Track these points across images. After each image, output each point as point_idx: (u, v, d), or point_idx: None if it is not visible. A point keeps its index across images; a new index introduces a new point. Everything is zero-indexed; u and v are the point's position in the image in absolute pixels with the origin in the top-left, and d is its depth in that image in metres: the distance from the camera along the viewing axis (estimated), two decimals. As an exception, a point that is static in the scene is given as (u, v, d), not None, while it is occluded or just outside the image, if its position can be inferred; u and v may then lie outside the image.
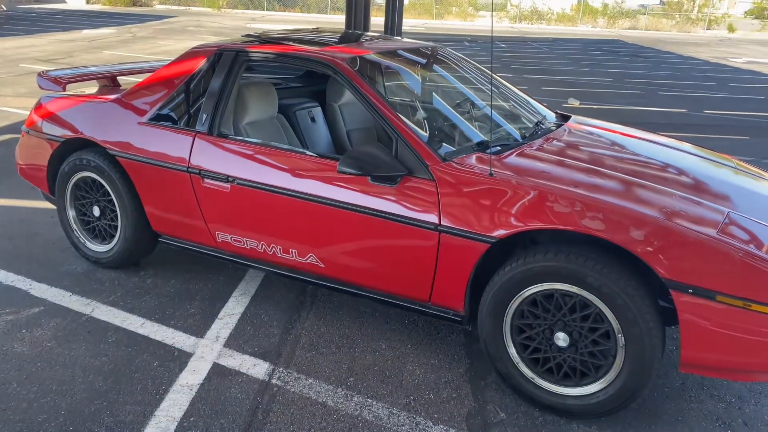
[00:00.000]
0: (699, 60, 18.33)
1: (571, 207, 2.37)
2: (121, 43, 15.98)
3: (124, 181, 3.39)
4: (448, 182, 2.57)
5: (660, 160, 3.04)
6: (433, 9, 32.70)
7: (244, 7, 31.67)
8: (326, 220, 2.83)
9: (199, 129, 3.16)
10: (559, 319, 2.44)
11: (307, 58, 3.07)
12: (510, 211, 2.44)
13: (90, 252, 3.68)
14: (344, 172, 2.63)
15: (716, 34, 30.95)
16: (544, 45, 21.82)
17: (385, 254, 2.74)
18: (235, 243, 3.17)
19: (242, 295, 3.43)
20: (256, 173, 2.96)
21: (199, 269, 3.71)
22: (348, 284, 2.95)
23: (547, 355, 2.51)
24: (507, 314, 2.53)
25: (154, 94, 3.34)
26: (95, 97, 3.61)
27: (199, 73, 3.28)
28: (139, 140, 3.30)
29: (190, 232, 3.32)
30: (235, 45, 3.25)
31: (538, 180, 2.51)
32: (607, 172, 2.68)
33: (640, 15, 33.32)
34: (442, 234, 2.56)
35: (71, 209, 3.71)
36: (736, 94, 11.75)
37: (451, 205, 2.54)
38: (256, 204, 2.99)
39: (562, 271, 2.36)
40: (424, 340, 3.06)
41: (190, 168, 3.13)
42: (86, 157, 3.48)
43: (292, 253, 3.00)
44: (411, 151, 2.66)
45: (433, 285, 2.68)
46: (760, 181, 3.05)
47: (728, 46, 24.28)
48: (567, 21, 32.79)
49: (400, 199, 2.64)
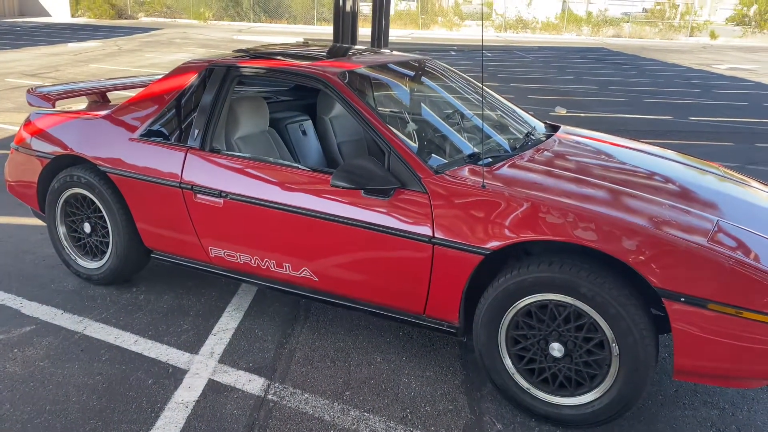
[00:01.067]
0: (682, 67, 18.57)
1: (564, 218, 2.39)
2: (107, 57, 15.94)
3: (115, 197, 3.38)
4: (440, 194, 2.59)
5: (648, 169, 3.08)
6: (419, 19, 32.91)
7: (230, 19, 31.70)
8: (319, 233, 2.83)
9: (191, 144, 3.16)
10: (553, 329, 2.46)
11: (297, 73, 3.08)
12: (503, 222, 2.46)
13: (81, 269, 3.66)
14: (337, 186, 2.64)
15: (699, 41, 31.36)
16: (529, 53, 22.01)
17: (379, 267, 2.75)
18: (228, 258, 3.16)
19: (236, 310, 3.42)
20: (249, 188, 2.97)
21: (192, 284, 3.70)
22: (342, 297, 2.95)
23: (543, 366, 2.52)
24: (502, 325, 2.55)
25: (145, 110, 3.34)
26: (85, 114, 3.60)
27: (191, 88, 3.28)
28: (130, 156, 3.29)
29: (182, 248, 3.31)
30: (226, 60, 3.26)
31: (530, 191, 2.54)
32: (597, 182, 2.71)
33: (624, 23, 33.71)
34: (435, 246, 2.57)
35: (61, 226, 3.69)
36: (720, 100, 11.90)
37: (445, 218, 2.56)
38: (249, 219, 2.99)
39: (556, 282, 2.38)
40: (419, 352, 3.07)
41: (183, 183, 3.13)
42: (77, 174, 3.47)
43: (286, 267, 3.00)
44: (403, 164, 2.68)
45: (427, 297, 2.69)
46: (746, 188, 3.09)
47: (711, 52, 24.60)
48: (552, 29, 33.11)
49: (392, 212, 2.65)
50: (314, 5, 31.87)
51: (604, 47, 26.17)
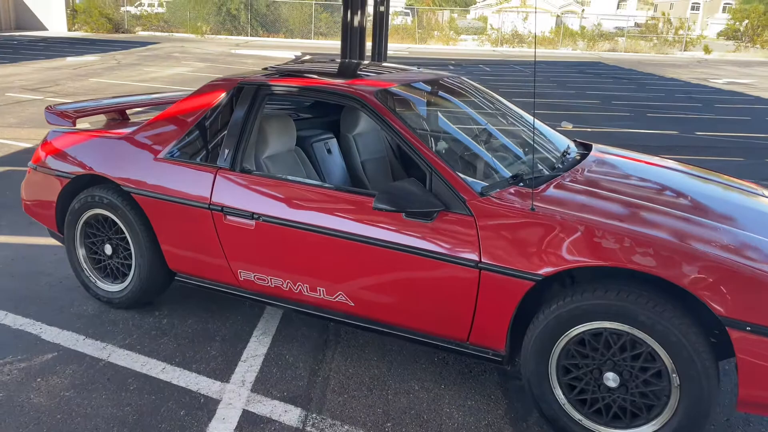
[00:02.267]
0: (680, 81, 18.64)
1: (620, 243, 2.31)
2: (106, 71, 15.84)
3: (139, 218, 3.28)
4: (487, 217, 2.51)
5: (693, 190, 3.01)
6: (416, 33, 33.02)
7: (228, 33, 31.69)
8: (358, 257, 2.74)
9: (220, 165, 3.07)
10: (608, 358, 2.37)
11: (332, 92, 3.00)
12: (556, 247, 2.37)
13: (101, 292, 3.55)
14: (380, 209, 2.56)
15: (693, 55, 31.59)
16: (527, 68, 22.06)
17: (421, 292, 2.66)
18: (258, 281, 3.06)
19: (263, 334, 3.32)
20: (283, 210, 2.88)
21: (215, 308, 3.59)
22: (379, 323, 2.85)
23: (596, 396, 2.43)
24: (553, 354, 2.45)
25: (171, 129, 3.25)
26: (107, 132, 3.51)
27: (219, 107, 3.19)
28: (156, 177, 3.19)
29: (209, 271, 3.20)
30: (256, 78, 3.18)
31: (582, 214, 2.45)
32: (646, 205, 2.63)
33: (619, 37, 33.94)
34: (482, 271, 2.48)
35: (81, 248, 3.58)
36: (723, 115, 11.91)
37: (492, 242, 2.47)
38: (283, 241, 2.90)
39: (612, 309, 2.29)
40: (456, 379, 2.97)
41: (212, 205, 3.03)
42: (98, 194, 3.37)
43: (320, 292, 2.90)
44: (446, 186, 2.59)
45: (472, 324, 2.60)
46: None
47: (706, 67, 24.76)
48: (548, 44, 33.28)
49: (437, 236, 2.56)
50: (311, 20, 31.93)
51: (601, 61, 26.29)
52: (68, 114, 3.62)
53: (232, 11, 31.48)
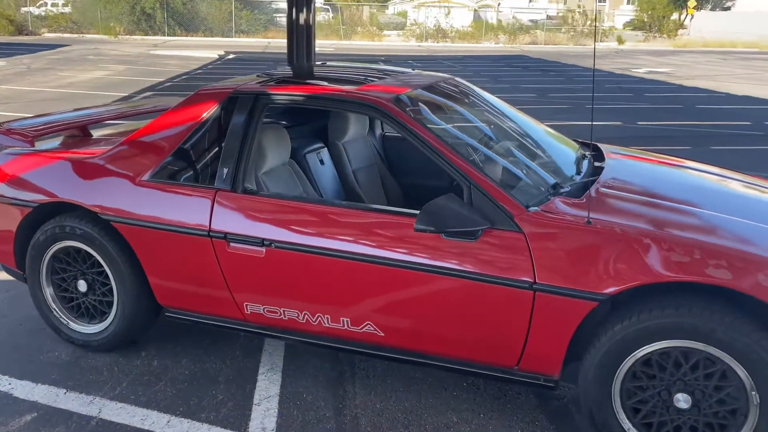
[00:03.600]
0: (604, 71, 19.20)
1: (690, 255, 2.16)
2: (17, 77, 14.69)
3: (121, 250, 2.88)
4: (539, 234, 2.30)
5: (729, 192, 2.91)
6: (340, 30, 32.67)
7: (143, 33, 30.25)
8: (391, 283, 2.48)
9: (219, 186, 2.72)
10: (678, 378, 2.21)
11: (344, 100, 2.72)
12: (622, 263, 2.19)
13: (76, 335, 3.11)
14: (422, 230, 2.31)
15: (608, 45, 32.79)
16: (456, 63, 22.21)
17: (464, 318, 2.42)
18: (268, 314, 2.74)
19: (270, 370, 2.99)
20: (301, 235, 2.57)
21: (209, 342, 3.23)
22: (412, 353, 2.60)
23: (664, 419, 2.27)
24: (617, 378, 2.28)
25: (155, 147, 2.86)
26: (75, 153, 3.07)
27: (210, 120, 2.84)
28: (142, 202, 2.81)
29: (209, 305, 2.85)
30: (253, 87, 2.84)
31: (642, 225, 2.28)
32: (697, 211, 2.50)
33: (539, 30, 34.80)
34: (537, 293, 2.27)
35: (48, 286, 3.12)
36: (657, 104, 12.29)
37: (548, 260, 2.26)
38: (299, 269, 2.59)
39: (685, 327, 2.14)
40: (493, 405, 2.75)
41: (212, 232, 2.68)
42: (69, 224, 2.94)
43: (344, 323, 2.62)
44: (490, 201, 2.37)
45: (523, 350, 2.39)
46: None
47: (623, 57, 25.68)
48: (470, 38, 33.70)
49: (483, 256, 2.34)
50: (232, 18, 30.97)
51: (524, 54, 26.83)
52: (24, 133, 3.15)
53: (147, 10, 30.07)
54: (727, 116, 10.89)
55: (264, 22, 32.37)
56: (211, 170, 2.79)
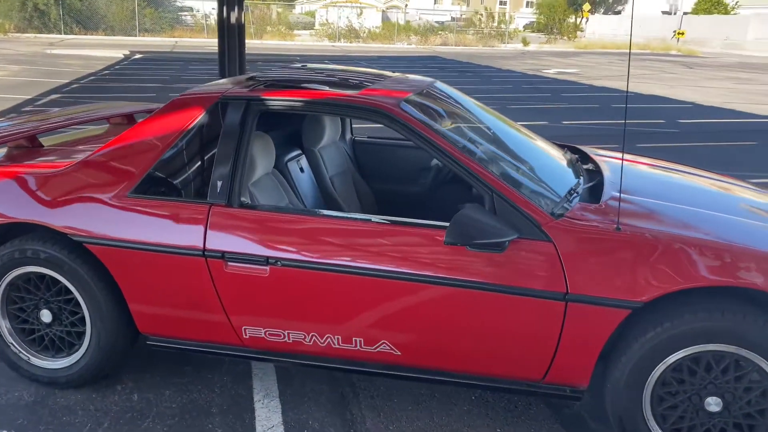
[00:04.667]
0: (518, 72, 19.80)
1: (721, 259, 2.16)
2: None
3: (96, 274, 2.58)
4: (569, 242, 2.23)
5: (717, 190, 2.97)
6: (251, 28, 31.91)
7: (36, 31, 28.25)
8: (411, 300, 2.34)
9: (213, 200, 2.48)
10: (709, 382, 2.21)
11: (346, 105, 2.56)
12: (654, 269, 2.16)
13: (40, 371, 2.76)
14: (452, 243, 2.19)
15: (515, 47, 33.93)
16: (372, 63, 22.19)
17: (489, 333, 2.33)
18: (270, 338, 2.53)
19: (266, 397, 2.78)
20: (311, 251, 2.38)
21: (190, 369, 2.96)
22: (430, 371, 2.48)
23: (694, 423, 2.27)
24: (647, 385, 2.26)
25: (136, 159, 2.58)
26: (31, 166, 2.72)
27: (196, 128, 2.59)
28: (122, 221, 2.52)
29: (200, 330, 2.60)
30: (243, 92, 2.61)
31: (671, 230, 2.27)
32: (714, 215, 2.52)
33: (449, 33, 35.45)
34: (570, 303, 2.21)
35: (4, 318, 2.76)
36: (574, 103, 12.75)
37: (579, 269, 2.21)
38: (309, 288, 2.41)
39: (717, 331, 2.14)
40: (508, 418, 2.68)
41: (207, 251, 2.44)
42: (31, 248, 2.60)
43: (356, 343, 2.46)
44: (515, 210, 2.28)
45: (551, 362, 2.32)
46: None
47: (531, 58, 26.62)
48: (383, 39, 33.86)
49: (511, 268, 2.25)
50: (135, 15, 29.52)
51: (437, 55, 27.25)
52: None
53: (40, 6, 28.14)
54: (642, 115, 11.44)
55: (169, 20, 31.15)
56: (201, 183, 2.55)
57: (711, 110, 12.25)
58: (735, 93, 15.30)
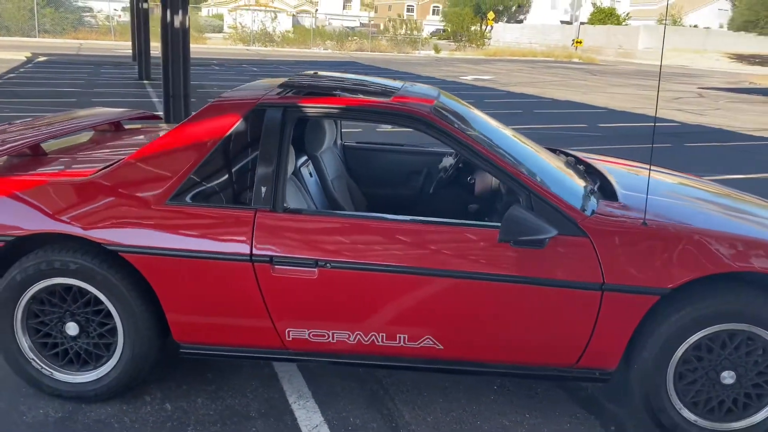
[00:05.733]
0: (437, 78, 20.33)
1: (735, 248, 2.44)
2: None
3: (131, 284, 2.54)
4: (602, 237, 2.45)
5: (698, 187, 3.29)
6: (160, 32, 30.87)
7: None
8: (456, 295, 2.48)
9: (258, 206, 2.51)
10: (725, 357, 2.49)
11: (386, 112, 2.66)
12: (679, 259, 2.42)
13: (65, 386, 2.67)
14: (505, 241, 2.35)
15: (428, 54, 34.73)
16: (294, 68, 22.09)
17: (530, 324, 2.50)
18: (314, 339, 2.59)
19: (300, 398, 2.82)
20: (360, 252, 2.47)
21: (213, 376, 2.95)
22: (471, 363, 2.62)
23: (710, 395, 2.54)
24: (671, 364, 2.50)
25: (173, 166, 2.56)
26: (56, 175, 2.64)
27: (235, 134, 2.61)
28: (161, 228, 2.50)
29: (243, 335, 2.62)
30: (281, 99, 2.66)
31: (689, 223, 2.54)
32: (711, 207, 2.83)
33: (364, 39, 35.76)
34: (605, 292, 2.42)
35: (24, 336, 2.65)
36: (500, 109, 13.30)
37: (613, 261, 2.42)
38: (357, 289, 2.49)
39: (734, 311, 2.42)
40: (530, 404, 2.86)
41: (255, 256, 2.47)
42: (59, 259, 2.52)
43: (400, 339, 2.56)
44: (552, 209, 2.47)
45: (586, 347, 2.52)
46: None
47: (445, 65, 27.37)
48: (298, 43, 33.70)
49: (552, 262, 2.43)
50: (34, 15, 27.82)
51: (355, 61, 27.47)
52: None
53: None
54: (564, 119, 12.12)
55: (72, 21, 29.60)
56: (243, 189, 2.57)
57: (624, 115, 13.15)
58: (641, 99, 16.47)
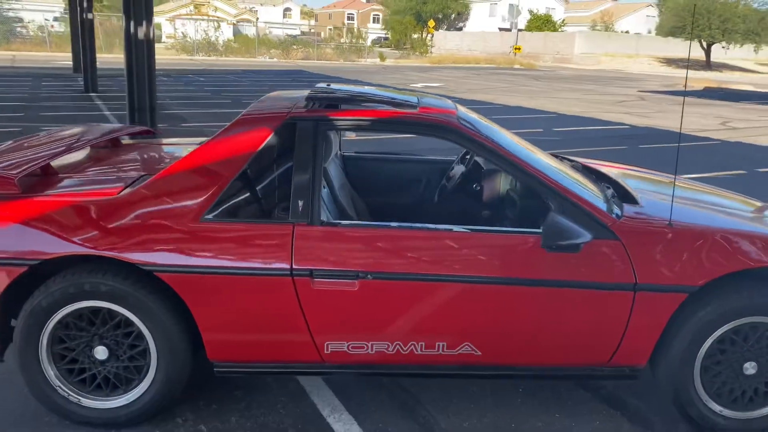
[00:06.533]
0: (389, 86, 20.46)
1: (755, 245, 2.59)
2: None
3: (164, 304, 2.48)
4: (632, 239, 2.55)
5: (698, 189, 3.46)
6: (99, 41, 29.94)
7: None
8: (496, 301, 2.53)
9: (295, 220, 2.50)
10: (747, 349, 2.62)
11: (416, 123, 2.71)
12: (705, 257, 2.54)
13: (95, 413, 2.58)
14: (548, 247, 2.43)
15: (374, 62, 34.93)
16: (243, 77, 21.90)
17: (566, 326, 2.58)
18: (352, 351, 2.59)
19: (333, 411, 2.81)
20: (398, 262, 2.49)
21: (240, 393, 2.90)
22: (507, 367, 2.68)
23: (734, 386, 2.67)
24: (698, 358, 2.62)
25: (205, 182, 2.51)
26: (77, 195, 2.56)
27: (267, 148, 2.59)
28: (197, 246, 2.45)
29: (279, 351, 2.60)
30: (311, 112, 2.66)
31: (709, 224, 2.67)
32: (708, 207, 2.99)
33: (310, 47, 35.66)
34: (638, 292, 2.52)
35: (50, 364, 2.54)
36: (457, 115, 13.48)
37: (644, 261, 2.52)
38: (398, 299, 2.51)
39: (753, 305, 2.56)
40: (558, 404, 2.94)
41: (295, 270, 2.45)
42: (89, 281, 2.44)
43: (439, 347, 2.59)
44: (585, 214, 2.55)
45: (618, 345, 2.61)
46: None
47: (393, 72, 27.61)
48: (242, 52, 33.32)
49: (588, 266, 2.52)
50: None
51: (303, 69, 27.38)
52: (7, 177, 2.52)
53: None
54: (519, 125, 12.38)
55: (3, 32, 28.38)
56: (279, 204, 2.55)
57: (575, 119, 13.58)
58: (587, 103, 17.05)
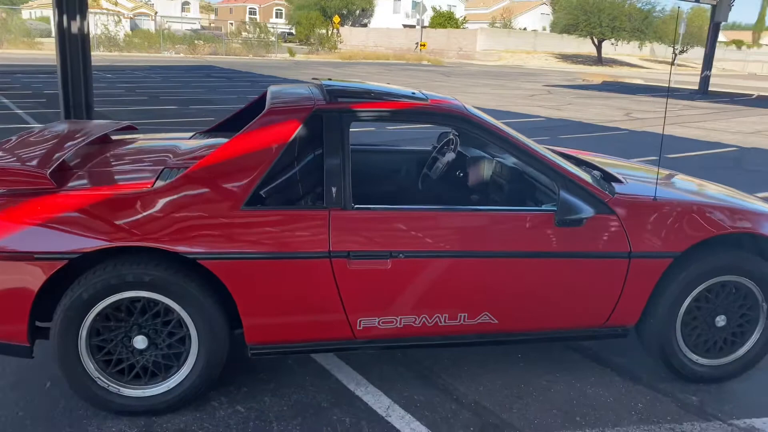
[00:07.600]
0: (306, 82, 20.40)
1: (725, 214, 3.01)
2: None
3: (205, 291, 2.57)
4: (626, 213, 2.89)
5: None
6: None
7: None
8: (511, 273, 2.80)
9: (330, 205, 2.65)
10: (719, 305, 3.04)
11: (431, 113, 2.93)
12: (686, 226, 2.92)
13: (135, 402, 2.62)
14: (561, 222, 2.73)
15: (284, 57, 34.62)
16: (151, 73, 21.21)
17: (574, 292, 2.89)
18: (382, 326, 2.78)
19: (360, 385, 2.98)
20: (427, 241, 2.71)
21: (265, 375, 3.02)
22: (519, 333, 2.96)
23: (707, 337, 3.08)
24: (679, 315, 3.01)
25: (243, 172, 2.61)
26: (113, 188, 2.58)
27: (298, 139, 2.73)
28: (239, 233, 2.55)
29: (315, 330, 2.74)
30: (335, 105, 2.81)
31: (688, 198, 3.07)
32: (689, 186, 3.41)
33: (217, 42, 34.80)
34: (633, 259, 2.87)
35: (89, 354, 2.56)
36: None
37: (637, 232, 2.87)
38: (426, 275, 2.73)
39: (729, 265, 2.97)
40: (556, 366, 3.25)
41: (333, 253, 2.61)
42: (131, 272, 2.49)
43: (461, 318, 2.84)
44: (586, 192, 2.87)
45: (614, 308, 2.95)
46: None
47: (306, 68, 27.51)
48: (145, 48, 32.07)
49: (591, 238, 2.84)
50: None
51: (213, 65, 26.76)
52: (36, 173, 2.50)
53: None
54: (445, 118, 12.85)
55: None
56: (314, 190, 2.69)
57: (495, 113, 14.19)
58: (500, 97, 17.84)
